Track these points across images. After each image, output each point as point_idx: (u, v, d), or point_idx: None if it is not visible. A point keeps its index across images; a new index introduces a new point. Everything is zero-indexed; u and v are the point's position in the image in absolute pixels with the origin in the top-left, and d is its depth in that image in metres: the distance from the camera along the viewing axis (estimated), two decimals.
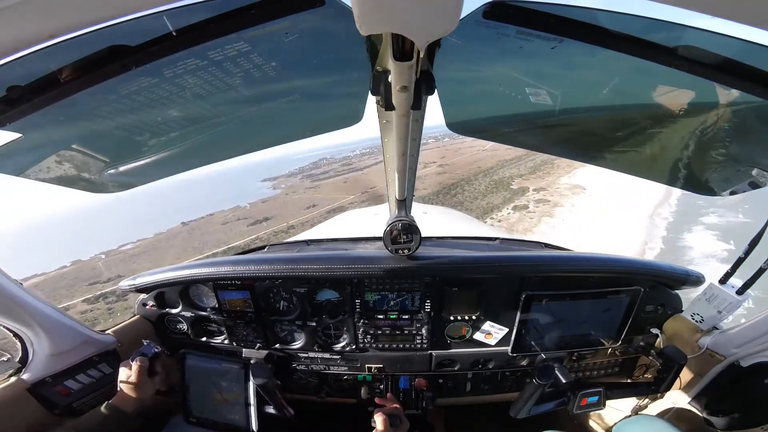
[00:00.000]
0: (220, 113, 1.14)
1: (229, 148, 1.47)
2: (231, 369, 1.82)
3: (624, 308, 1.91)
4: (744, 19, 0.56)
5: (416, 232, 1.76)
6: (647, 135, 1.29)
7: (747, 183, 1.35)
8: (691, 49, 0.83)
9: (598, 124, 1.32)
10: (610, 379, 2.26)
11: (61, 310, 1.73)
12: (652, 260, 2.03)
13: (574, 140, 1.50)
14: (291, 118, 1.33)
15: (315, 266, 1.92)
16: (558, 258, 2.01)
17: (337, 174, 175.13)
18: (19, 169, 1.21)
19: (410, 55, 0.68)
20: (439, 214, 5.43)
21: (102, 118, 1.01)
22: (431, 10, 0.54)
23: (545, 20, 0.80)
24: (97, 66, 0.80)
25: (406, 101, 0.87)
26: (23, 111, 0.85)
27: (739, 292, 1.69)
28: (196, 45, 0.79)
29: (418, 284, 1.95)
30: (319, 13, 0.75)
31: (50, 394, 1.67)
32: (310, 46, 0.91)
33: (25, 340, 1.63)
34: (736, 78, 0.87)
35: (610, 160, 1.55)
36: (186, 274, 2.01)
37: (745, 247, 1.61)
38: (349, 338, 2.09)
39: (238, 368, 1.81)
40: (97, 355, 1.88)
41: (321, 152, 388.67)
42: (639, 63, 0.87)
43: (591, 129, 1.36)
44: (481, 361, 2.13)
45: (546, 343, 1.98)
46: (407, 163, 1.33)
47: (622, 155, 1.52)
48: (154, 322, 2.21)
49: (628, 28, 0.82)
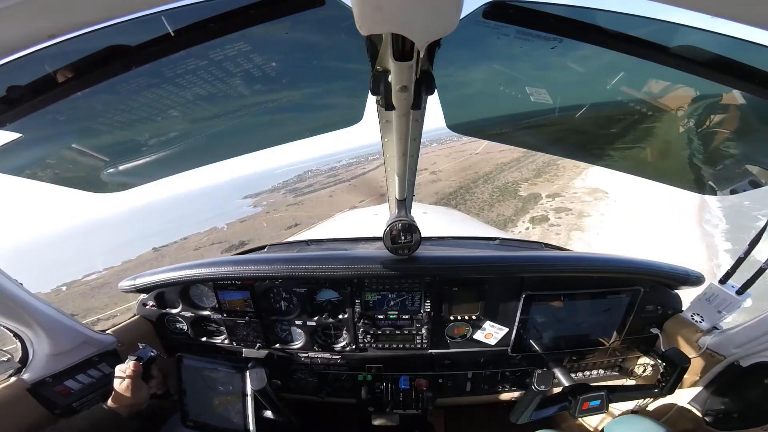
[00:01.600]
0: (220, 113, 1.14)
1: (229, 148, 1.46)
2: (228, 373, 1.80)
3: (624, 308, 1.91)
4: (744, 19, 0.56)
5: (416, 232, 1.76)
6: (647, 134, 1.29)
7: (747, 182, 1.35)
8: (690, 49, 0.83)
9: (597, 124, 1.32)
10: (610, 379, 2.26)
11: (61, 310, 1.73)
12: (652, 260, 2.03)
13: (575, 140, 1.50)
14: (291, 118, 1.32)
15: (315, 266, 1.92)
16: (558, 258, 2.01)
17: (323, 187, 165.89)
18: (20, 169, 1.21)
19: (410, 55, 0.68)
20: (439, 214, 5.43)
21: (102, 118, 1.01)
22: (431, 10, 0.54)
23: (545, 20, 0.80)
24: (97, 66, 0.80)
25: (406, 101, 0.87)
26: (23, 111, 0.85)
27: (739, 292, 1.69)
28: (196, 45, 0.79)
29: (418, 284, 1.95)
30: (319, 13, 0.75)
31: (50, 394, 1.67)
32: (310, 46, 0.91)
33: (25, 340, 1.63)
34: (735, 78, 0.87)
35: (610, 159, 1.55)
36: (186, 274, 2.01)
37: (745, 247, 1.61)
38: (349, 338, 2.09)
39: (234, 372, 1.79)
40: (97, 355, 1.88)
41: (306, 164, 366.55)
42: (639, 63, 0.87)
43: (591, 128, 1.36)
44: (481, 361, 2.13)
45: (546, 343, 1.98)
46: (407, 163, 1.33)
47: (623, 154, 1.52)
48: (154, 322, 2.21)
49: (628, 28, 0.82)
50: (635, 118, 1.18)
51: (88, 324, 1.90)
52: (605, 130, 1.36)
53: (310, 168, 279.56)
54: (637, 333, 2.05)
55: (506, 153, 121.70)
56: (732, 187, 1.42)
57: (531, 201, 68.93)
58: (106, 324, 2.17)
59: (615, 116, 1.22)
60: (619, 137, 1.37)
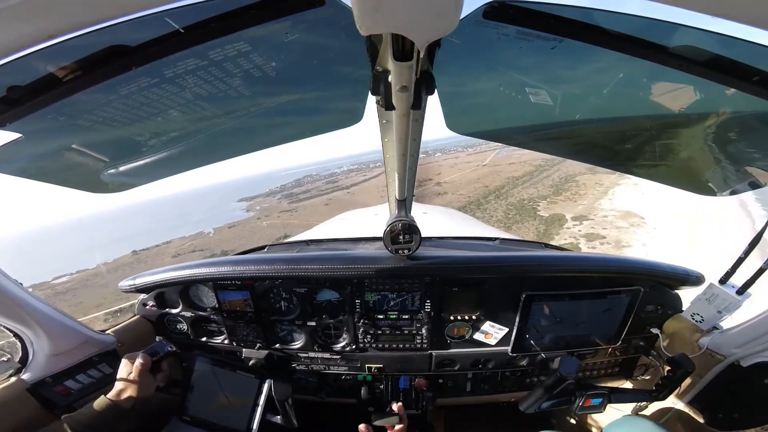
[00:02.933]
0: (220, 113, 1.14)
1: (229, 149, 1.47)
2: (246, 378, 1.84)
3: (624, 308, 1.91)
4: (744, 19, 0.56)
5: (416, 232, 1.76)
6: (647, 134, 1.29)
7: (747, 183, 1.35)
8: (690, 49, 0.83)
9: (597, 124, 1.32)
10: (609, 379, 2.26)
11: (61, 310, 1.73)
12: (652, 260, 2.03)
13: (574, 140, 1.50)
14: (291, 118, 1.33)
15: (315, 266, 1.92)
16: (558, 258, 2.01)
17: (320, 193, 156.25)
18: (20, 169, 1.21)
19: (410, 55, 0.68)
20: (439, 214, 5.43)
21: (102, 118, 1.01)
22: (431, 10, 0.53)
23: (545, 20, 0.80)
24: (97, 66, 0.80)
25: (406, 101, 0.87)
26: (23, 111, 0.85)
27: (739, 292, 1.69)
28: (196, 45, 0.79)
29: (418, 284, 1.95)
30: (319, 13, 0.75)
31: (50, 394, 1.67)
32: (311, 46, 0.91)
33: (25, 340, 1.63)
34: (735, 78, 0.87)
35: (610, 160, 1.56)
36: (186, 274, 2.02)
37: (745, 247, 1.61)
38: (349, 338, 2.09)
39: (253, 378, 1.83)
40: (98, 355, 1.88)
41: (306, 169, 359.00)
42: (638, 63, 0.87)
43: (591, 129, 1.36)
44: (481, 361, 2.13)
45: (546, 343, 1.98)
46: (407, 163, 1.34)
47: (623, 155, 1.52)
48: (154, 322, 2.21)
49: (628, 28, 0.82)
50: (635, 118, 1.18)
51: (88, 324, 1.90)
52: (605, 130, 1.36)
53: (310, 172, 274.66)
54: (637, 333, 2.05)
55: (517, 166, 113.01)
56: (732, 188, 1.42)
57: (554, 223, 57.51)
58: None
59: (615, 116, 1.23)
60: (619, 138, 1.38)
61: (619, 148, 1.47)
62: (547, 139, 1.50)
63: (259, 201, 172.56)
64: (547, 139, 1.50)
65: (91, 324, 1.93)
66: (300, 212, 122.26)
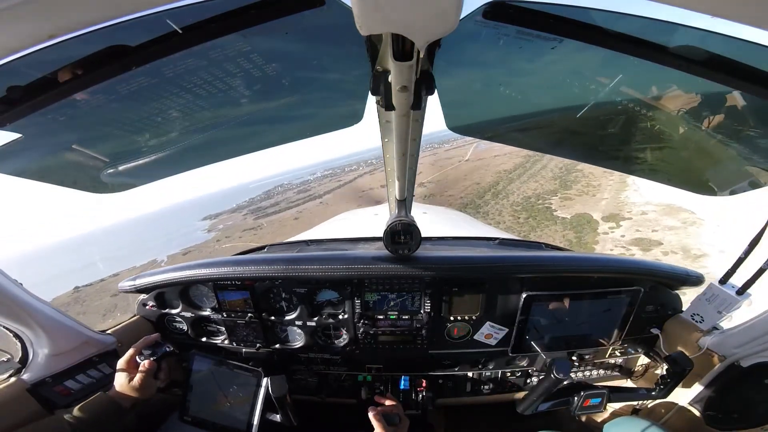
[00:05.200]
0: (220, 113, 1.14)
1: (228, 148, 1.46)
2: (243, 376, 1.83)
3: (624, 308, 1.91)
4: (744, 19, 0.56)
5: (416, 232, 1.76)
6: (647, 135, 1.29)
7: (746, 183, 1.35)
8: (690, 49, 0.83)
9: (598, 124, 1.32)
10: (609, 380, 2.26)
11: (61, 310, 1.73)
12: (652, 260, 2.03)
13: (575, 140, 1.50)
14: (291, 118, 1.33)
15: (315, 266, 1.92)
16: (558, 258, 2.01)
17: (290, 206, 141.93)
18: (20, 170, 1.21)
19: (410, 55, 0.68)
20: (439, 214, 5.43)
21: (102, 118, 1.01)
22: (431, 10, 0.54)
23: (545, 20, 0.80)
24: (97, 66, 0.80)
25: (406, 101, 0.87)
26: (23, 111, 0.85)
27: (739, 292, 1.69)
28: (196, 45, 0.79)
29: (418, 284, 1.95)
30: (319, 14, 0.75)
31: (50, 395, 1.67)
32: (310, 46, 0.91)
33: (25, 340, 1.63)
34: (735, 78, 0.87)
35: (611, 160, 1.55)
36: (186, 275, 2.02)
37: (745, 247, 1.61)
38: (349, 338, 2.09)
39: (251, 376, 1.82)
40: (97, 356, 1.88)
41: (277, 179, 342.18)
42: (639, 63, 0.87)
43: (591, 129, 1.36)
44: (481, 361, 2.13)
45: (546, 343, 1.98)
46: (407, 163, 1.34)
47: (624, 155, 1.52)
48: (154, 323, 2.21)
49: (628, 28, 0.82)
50: (635, 118, 1.18)
51: (87, 324, 1.89)
52: (606, 130, 1.36)
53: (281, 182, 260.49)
54: (637, 333, 2.05)
55: (503, 159, 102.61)
56: (732, 188, 1.42)
57: (584, 227, 43.27)
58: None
59: (616, 116, 1.22)
60: (620, 138, 1.38)
61: (621, 148, 1.47)
62: (549, 138, 1.50)
63: (223, 219, 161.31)
64: (548, 138, 1.50)
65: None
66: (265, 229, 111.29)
